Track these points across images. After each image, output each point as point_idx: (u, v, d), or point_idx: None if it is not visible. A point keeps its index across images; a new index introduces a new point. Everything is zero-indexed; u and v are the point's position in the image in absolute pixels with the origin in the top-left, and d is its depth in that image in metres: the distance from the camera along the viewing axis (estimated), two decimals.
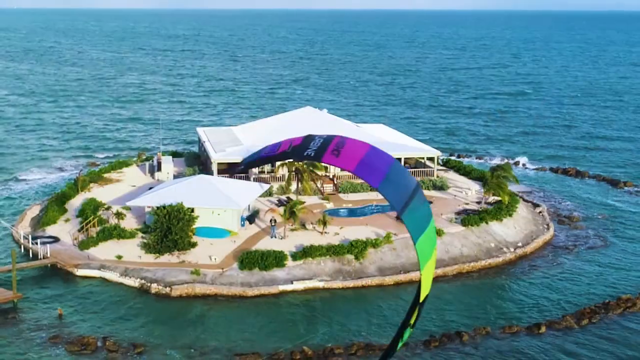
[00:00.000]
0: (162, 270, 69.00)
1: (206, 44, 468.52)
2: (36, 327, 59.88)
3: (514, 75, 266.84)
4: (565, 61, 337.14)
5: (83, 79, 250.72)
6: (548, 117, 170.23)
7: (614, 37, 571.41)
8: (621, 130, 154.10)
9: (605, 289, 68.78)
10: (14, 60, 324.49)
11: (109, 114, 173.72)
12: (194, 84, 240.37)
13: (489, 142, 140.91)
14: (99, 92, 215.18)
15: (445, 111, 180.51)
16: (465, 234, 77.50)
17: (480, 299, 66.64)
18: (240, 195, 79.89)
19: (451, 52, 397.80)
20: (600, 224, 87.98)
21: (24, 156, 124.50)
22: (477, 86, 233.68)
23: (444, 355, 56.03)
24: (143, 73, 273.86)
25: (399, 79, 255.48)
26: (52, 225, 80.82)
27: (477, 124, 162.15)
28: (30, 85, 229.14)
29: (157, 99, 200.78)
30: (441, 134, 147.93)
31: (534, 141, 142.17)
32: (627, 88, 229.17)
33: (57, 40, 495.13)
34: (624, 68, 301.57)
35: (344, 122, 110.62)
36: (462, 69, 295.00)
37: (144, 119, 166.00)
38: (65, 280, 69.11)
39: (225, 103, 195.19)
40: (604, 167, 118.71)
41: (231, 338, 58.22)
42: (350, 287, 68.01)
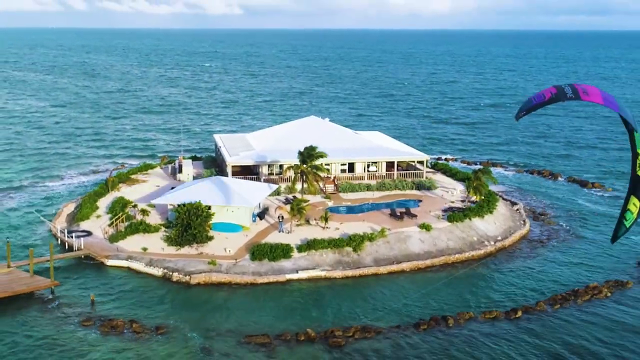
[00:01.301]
0: (183, 260, 69.28)
1: (222, 59, 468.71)
2: (71, 311, 60.11)
3: (499, 89, 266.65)
4: (543, 76, 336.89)
5: (112, 91, 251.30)
6: (526, 126, 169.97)
7: (585, 55, 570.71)
8: (591, 138, 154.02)
9: (575, 278, 68.82)
10: (53, 74, 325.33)
11: (135, 122, 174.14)
12: (211, 95, 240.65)
13: (473, 148, 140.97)
14: (127, 103, 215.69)
15: (435, 120, 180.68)
16: (451, 229, 77.57)
17: (464, 287, 66.60)
18: (251, 194, 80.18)
19: (441, 67, 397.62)
20: (571, 220, 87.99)
21: (61, 160, 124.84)
22: (464, 98, 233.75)
23: (432, 337, 56.04)
24: (166, 86, 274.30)
25: (394, 91, 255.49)
26: (86, 220, 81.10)
27: (462, 131, 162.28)
28: (68, 97, 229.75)
29: (178, 109, 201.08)
30: (431, 140, 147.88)
31: (513, 147, 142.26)
32: None
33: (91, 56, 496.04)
34: (595, 82, 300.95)
35: (344, 129, 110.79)
36: (450, 83, 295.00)
37: (166, 127, 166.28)
38: (97, 269, 69.36)
39: (239, 112, 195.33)
40: (575, 170, 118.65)
41: (243, 321, 58.32)
42: (349, 276, 68.13)
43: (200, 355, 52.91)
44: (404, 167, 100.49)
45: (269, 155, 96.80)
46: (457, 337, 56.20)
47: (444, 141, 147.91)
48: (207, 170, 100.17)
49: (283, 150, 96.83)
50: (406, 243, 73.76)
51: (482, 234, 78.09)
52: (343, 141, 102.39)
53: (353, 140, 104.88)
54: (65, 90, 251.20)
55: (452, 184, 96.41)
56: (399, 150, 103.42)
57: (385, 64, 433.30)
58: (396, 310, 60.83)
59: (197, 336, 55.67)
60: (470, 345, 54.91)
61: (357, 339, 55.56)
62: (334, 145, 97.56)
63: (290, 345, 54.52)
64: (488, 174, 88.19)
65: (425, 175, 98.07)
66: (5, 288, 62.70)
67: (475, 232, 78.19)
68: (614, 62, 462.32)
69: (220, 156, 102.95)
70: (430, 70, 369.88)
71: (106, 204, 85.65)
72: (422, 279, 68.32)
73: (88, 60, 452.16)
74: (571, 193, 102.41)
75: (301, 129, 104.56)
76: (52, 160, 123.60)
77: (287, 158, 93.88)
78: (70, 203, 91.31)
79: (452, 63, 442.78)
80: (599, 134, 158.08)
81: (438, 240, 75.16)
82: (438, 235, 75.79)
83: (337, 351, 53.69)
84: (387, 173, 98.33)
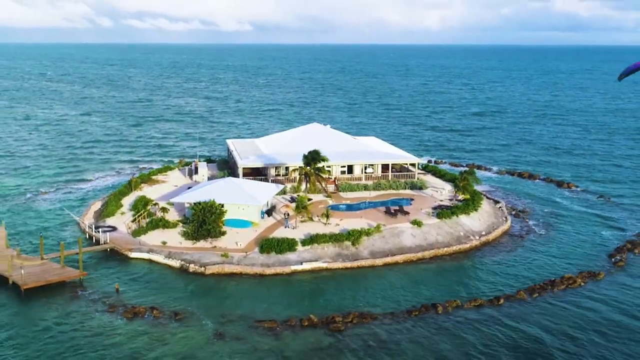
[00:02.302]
0: (198, 253, 69.30)
1: (233, 72, 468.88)
2: (98, 299, 60.22)
3: (483, 99, 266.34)
4: (524, 86, 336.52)
5: (134, 100, 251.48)
6: (507, 132, 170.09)
7: (562, 67, 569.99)
8: (566, 144, 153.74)
9: (551, 269, 68.72)
10: (82, 85, 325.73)
11: (155, 129, 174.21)
12: (224, 104, 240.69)
13: (460, 151, 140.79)
14: (148, 111, 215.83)
15: (426, 127, 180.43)
16: (440, 224, 77.51)
17: (451, 277, 66.59)
18: (260, 194, 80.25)
19: (431, 79, 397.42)
20: (548, 216, 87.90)
21: (89, 163, 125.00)
22: (452, 107, 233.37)
23: (423, 323, 56.04)
24: (183, 96, 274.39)
25: (389, 100, 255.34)
26: (111, 217, 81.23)
27: (450, 137, 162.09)
28: (95, 105, 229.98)
29: (194, 117, 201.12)
30: (422, 145, 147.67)
31: (496, 151, 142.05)
32: (574, 109, 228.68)
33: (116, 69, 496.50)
34: (571, 92, 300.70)
35: (344, 135, 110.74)
36: (440, 93, 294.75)
37: (183, 133, 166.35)
38: (121, 261, 69.41)
39: (249, 119, 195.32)
40: (551, 171, 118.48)
41: (253, 308, 58.33)
42: (348, 267, 68.10)
43: (214, 339, 52.93)
44: (397, 169, 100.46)
45: (276, 158, 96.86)
46: (446, 322, 56.19)
47: (433, 145, 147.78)
48: (221, 171, 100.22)
49: (289, 153, 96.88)
50: (400, 238, 73.76)
51: (468, 230, 78.03)
52: (343, 146, 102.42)
53: (352, 144, 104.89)
54: (93, 100, 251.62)
55: (441, 184, 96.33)
56: (393, 153, 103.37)
57: (381, 76, 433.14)
58: (390, 299, 60.86)
59: (211, 321, 55.76)
60: (458, 329, 54.88)
61: (355, 324, 55.59)
62: (334, 149, 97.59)
63: (295, 329, 54.57)
64: (473, 175, 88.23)
65: (416, 177, 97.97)
66: (39, 278, 62.88)
67: (462, 227, 78.13)
68: (588, 73, 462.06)
69: (232, 159, 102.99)
70: (421, 82, 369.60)
71: (129, 202, 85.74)
72: (414, 270, 68.32)
73: (113, 72, 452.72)
74: (548, 192, 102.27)
75: (305, 135, 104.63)
76: (81, 163, 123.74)
77: (293, 161, 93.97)
78: (97, 201, 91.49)
79: (441, 75, 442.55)
80: (573, 141, 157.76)
81: (428, 235, 75.11)
82: (428, 231, 75.74)
83: (337, 335, 53.69)
84: (383, 174, 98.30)
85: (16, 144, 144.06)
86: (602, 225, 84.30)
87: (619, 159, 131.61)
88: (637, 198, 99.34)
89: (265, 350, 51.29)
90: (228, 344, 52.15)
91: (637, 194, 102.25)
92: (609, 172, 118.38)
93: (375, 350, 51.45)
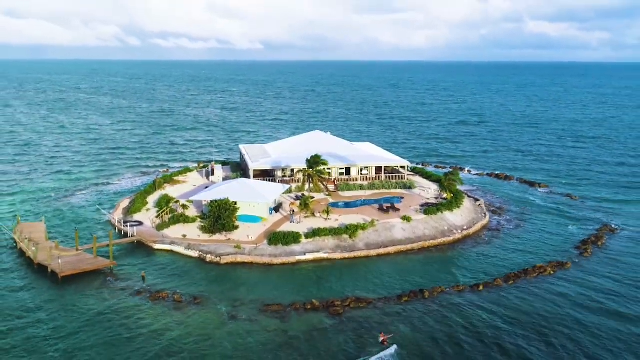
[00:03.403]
0: (214, 245, 69.39)
1: (245, 85, 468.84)
2: (126, 285, 60.35)
3: (465, 109, 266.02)
4: (502, 98, 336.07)
5: (157, 110, 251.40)
6: (487, 138, 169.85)
7: (535, 81, 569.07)
8: (538, 148, 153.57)
9: (525, 259, 68.66)
10: (112, 97, 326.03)
11: (177, 135, 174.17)
12: (237, 114, 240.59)
13: (445, 155, 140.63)
14: (170, 119, 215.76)
15: (414, 134, 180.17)
16: (426, 220, 77.49)
17: (437, 266, 66.58)
18: (269, 193, 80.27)
19: (420, 92, 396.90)
20: (521, 213, 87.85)
21: (118, 165, 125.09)
22: (438, 118, 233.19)
23: (412, 306, 56.06)
24: (202, 106, 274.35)
25: (382, 110, 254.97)
26: (138, 213, 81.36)
27: (436, 143, 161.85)
28: (123, 115, 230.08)
29: (210, 125, 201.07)
30: (411, 150, 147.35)
31: (477, 155, 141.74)
32: (546, 118, 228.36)
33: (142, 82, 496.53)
34: (542, 103, 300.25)
35: (343, 141, 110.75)
36: (428, 104, 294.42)
37: (202, 139, 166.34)
38: (146, 252, 69.52)
39: (259, 127, 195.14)
40: (525, 173, 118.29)
41: (262, 293, 58.42)
42: (345, 257, 68.17)
43: (228, 320, 53.01)
44: (389, 171, 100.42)
45: (283, 161, 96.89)
46: (432, 306, 56.21)
47: (421, 150, 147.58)
48: (234, 173, 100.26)
49: (294, 157, 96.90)
50: (391, 231, 73.76)
51: (451, 224, 77.99)
52: (341, 150, 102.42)
53: (349, 149, 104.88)
54: (122, 110, 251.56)
55: (428, 185, 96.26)
56: (386, 157, 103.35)
57: (375, 88, 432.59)
58: (383, 285, 60.89)
59: (225, 305, 55.83)
60: (442, 312, 54.92)
61: (352, 308, 55.63)
62: (334, 153, 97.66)
63: (299, 312, 54.62)
64: (456, 176, 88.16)
65: (406, 177, 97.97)
66: (74, 267, 63.08)
67: (446, 222, 78.10)
68: (558, 87, 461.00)
69: (244, 162, 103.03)
70: (411, 94, 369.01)
71: (154, 200, 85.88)
72: (403, 260, 68.33)
73: (140, 85, 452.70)
74: (522, 192, 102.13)
75: (308, 141, 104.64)
76: (111, 166, 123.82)
77: (297, 164, 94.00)
78: (125, 199, 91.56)
79: (428, 88, 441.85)
80: (544, 147, 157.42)
81: (416, 229, 75.09)
82: (416, 225, 75.71)
83: (337, 318, 53.76)
84: (376, 176, 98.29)
85: (55, 150, 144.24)
86: (569, 221, 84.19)
87: (585, 163, 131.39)
88: (600, 197, 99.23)
89: (273, 330, 51.37)
90: (240, 325, 52.23)
91: (600, 193, 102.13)
92: (576, 175, 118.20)
93: (369, 331, 51.48)
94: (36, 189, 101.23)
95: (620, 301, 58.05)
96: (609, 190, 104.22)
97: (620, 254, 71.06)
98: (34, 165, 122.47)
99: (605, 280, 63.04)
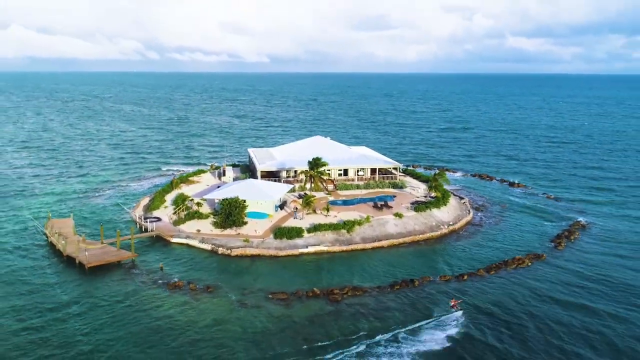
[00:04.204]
0: (225, 239, 69.46)
1: (253, 95, 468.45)
2: (146, 275, 60.46)
3: (452, 117, 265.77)
4: (485, 107, 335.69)
5: (174, 117, 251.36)
6: (471, 143, 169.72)
7: (513, 91, 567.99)
8: (517, 152, 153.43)
9: (505, 252, 68.68)
10: (134, 106, 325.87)
11: (192, 139, 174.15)
12: (246, 120, 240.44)
13: (433, 158, 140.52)
14: (185, 126, 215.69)
15: (406, 138, 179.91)
16: (416, 216, 77.53)
17: (426, 258, 66.60)
18: (274, 192, 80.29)
19: (411, 100, 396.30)
20: (502, 210, 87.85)
21: (138, 167, 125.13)
22: (427, 124, 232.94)
23: (403, 294, 56.14)
24: (214, 114, 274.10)
25: (377, 117, 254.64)
26: (156, 210, 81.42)
27: (425, 146, 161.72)
28: (143, 122, 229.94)
29: (222, 130, 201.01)
30: (402, 153, 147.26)
31: (462, 157, 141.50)
32: (524, 125, 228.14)
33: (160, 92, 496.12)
34: (521, 111, 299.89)
35: (341, 145, 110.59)
36: (419, 112, 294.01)
37: (214, 144, 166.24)
38: (164, 245, 69.63)
39: (266, 133, 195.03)
40: (505, 174, 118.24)
41: (268, 282, 58.50)
42: (344, 250, 68.19)
43: (237, 307, 53.11)
44: (383, 172, 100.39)
45: (287, 163, 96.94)
46: (421, 293, 56.31)
47: (412, 153, 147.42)
48: (243, 174, 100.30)
49: (297, 160, 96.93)
50: (385, 226, 73.80)
51: (439, 220, 78.02)
52: (340, 153, 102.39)
53: (347, 153, 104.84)
54: (143, 117, 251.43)
55: (418, 184, 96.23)
56: (380, 159, 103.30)
57: (371, 97, 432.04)
58: (377, 275, 60.95)
59: (235, 293, 55.94)
60: (430, 300, 55.02)
61: (349, 295, 55.72)
62: (333, 156, 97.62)
63: (302, 300, 54.72)
64: (443, 177, 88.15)
65: (398, 178, 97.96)
66: (99, 258, 63.23)
67: (434, 218, 78.13)
68: (535, 96, 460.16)
69: (252, 164, 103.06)
70: (402, 103, 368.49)
71: (171, 198, 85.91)
72: (396, 252, 68.35)
73: (158, 95, 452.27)
74: (502, 191, 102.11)
75: (310, 145, 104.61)
76: (132, 168, 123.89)
77: (300, 165, 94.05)
78: (145, 197, 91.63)
79: (419, 97, 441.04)
80: (523, 150, 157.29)
81: (407, 224, 75.14)
82: (407, 221, 75.77)
83: (336, 304, 53.85)
84: (371, 176, 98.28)
85: (83, 154, 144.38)
86: (545, 218, 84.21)
87: (559, 165, 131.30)
88: (572, 197, 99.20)
89: (278, 316, 51.48)
90: (249, 311, 52.35)
91: (572, 193, 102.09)
92: (551, 176, 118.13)
93: (365, 316, 51.59)
94: (65, 189, 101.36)
95: (588, 286, 58.19)
96: (581, 190, 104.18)
97: (590, 247, 71.09)
98: (64, 168, 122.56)
99: (576, 270, 63.04)
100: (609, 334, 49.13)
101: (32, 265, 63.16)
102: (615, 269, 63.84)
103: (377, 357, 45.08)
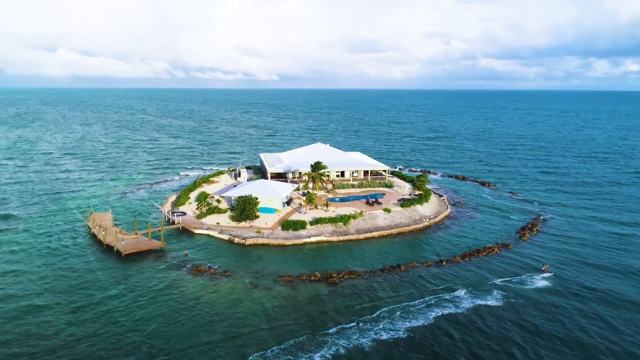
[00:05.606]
0: (241, 230, 69.45)
1: (264, 107, 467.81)
2: (173, 261, 60.49)
3: (432, 126, 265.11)
4: (463, 118, 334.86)
5: (196, 126, 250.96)
6: (450, 149, 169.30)
7: (485, 104, 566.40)
8: (488, 156, 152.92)
9: (477, 241, 68.59)
10: (165, 117, 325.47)
11: (212, 146, 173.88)
12: (258, 129, 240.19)
13: (417, 162, 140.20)
14: (205, 134, 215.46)
15: (394, 145, 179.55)
16: (402, 211, 77.42)
17: (410, 246, 66.52)
18: (282, 190, 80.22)
19: (401, 112, 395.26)
20: (475, 206, 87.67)
21: (167, 169, 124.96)
22: (413, 132, 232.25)
23: (390, 277, 56.14)
24: (230, 125, 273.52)
25: (369, 127, 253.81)
26: (182, 205, 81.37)
27: (410, 152, 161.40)
28: (172, 131, 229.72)
29: (237, 139, 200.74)
30: (390, 157, 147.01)
31: (442, 161, 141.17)
32: (496, 133, 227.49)
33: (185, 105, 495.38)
34: (490, 121, 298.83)
35: (339, 150, 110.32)
36: (406, 123, 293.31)
37: (231, 150, 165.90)
38: (189, 236, 69.63)
39: (275, 140, 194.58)
40: (478, 175, 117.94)
41: (277, 267, 58.53)
42: (341, 240, 68.17)
43: (250, 288, 53.15)
44: (374, 174, 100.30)
45: (293, 166, 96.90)
46: (406, 277, 56.31)
47: (398, 158, 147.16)
48: (255, 175, 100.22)
49: (301, 163, 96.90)
50: (375, 220, 73.76)
51: (421, 215, 77.94)
52: (337, 158, 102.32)
53: (344, 157, 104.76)
54: (172, 127, 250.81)
55: (404, 184, 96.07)
56: (372, 163, 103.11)
57: (364, 110, 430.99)
58: (369, 261, 60.94)
59: (249, 276, 56.01)
60: (413, 281, 55.04)
61: (345, 278, 55.78)
62: (332, 160, 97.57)
63: (305, 282, 54.75)
64: (425, 178, 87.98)
65: (387, 179, 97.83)
66: (134, 247, 63.31)
67: (418, 213, 78.05)
68: (503, 109, 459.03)
69: (263, 167, 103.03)
70: (390, 115, 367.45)
71: (194, 196, 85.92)
72: (385, 242, 68.30)
73: (184, 107, 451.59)
74: (475, 190, 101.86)
75: (312, 150, 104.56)
76: (161, 169, 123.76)
77: (304, 168, 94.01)
78: (173, 195, 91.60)
79: (405, 110, 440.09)
80: (493, 155, 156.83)
81: (395, 218, 75.08)
82: (395, 215, 75.70)
83: (334, 286, 53.90)
84: (364, 177, 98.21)
85: (120, 158, 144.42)
86: (511, 212, 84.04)
87: (525, 167, 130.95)
88: (535, 195, 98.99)
89: (285, 296, 51.56)
90: (260, 292, 52.42)
91: (535, 192, 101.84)
92: (517, 176, 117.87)
93: (359, 296, 51.63)
94: (106, 187, 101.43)
95: (548, 269, 58.10)
96: (542, 189, 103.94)
97: (549, 238, 71.04)
98: (105, 170, 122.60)
99: (537, 256, 63.00)
100: (561, 304, 49.15)
101: (77, 253, 63.31)
102: (570, 253, 63.81)
103: (368, 331, 45.14)
